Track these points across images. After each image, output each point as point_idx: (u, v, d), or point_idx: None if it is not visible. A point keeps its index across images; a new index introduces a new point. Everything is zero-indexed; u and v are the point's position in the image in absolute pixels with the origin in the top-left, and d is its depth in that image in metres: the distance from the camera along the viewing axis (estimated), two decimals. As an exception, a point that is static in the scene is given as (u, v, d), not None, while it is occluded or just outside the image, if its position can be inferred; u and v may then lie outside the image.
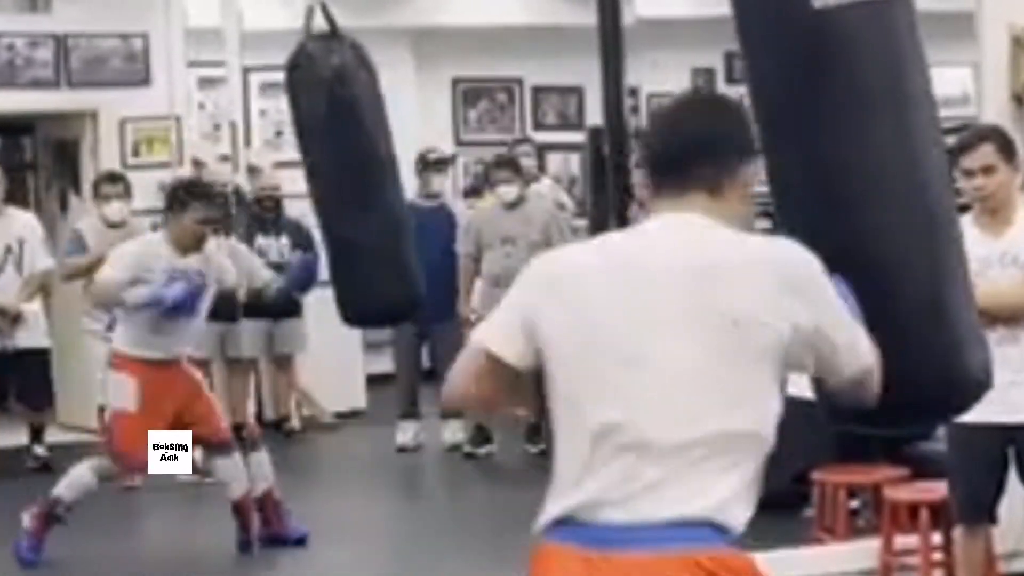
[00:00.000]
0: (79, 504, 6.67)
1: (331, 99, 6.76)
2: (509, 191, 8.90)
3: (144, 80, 10.25)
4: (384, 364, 10.38)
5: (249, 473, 6.77)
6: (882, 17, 3.54)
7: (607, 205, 8.95)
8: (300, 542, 6.92)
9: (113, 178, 8.81)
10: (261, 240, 9.31)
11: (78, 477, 6.73)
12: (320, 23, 6.88)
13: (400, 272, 7.06)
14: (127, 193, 8.63)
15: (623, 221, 8.36)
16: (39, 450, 9.00)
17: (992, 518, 5.14)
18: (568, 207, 10.32)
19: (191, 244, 6.62)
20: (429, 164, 9.36)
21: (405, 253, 7.15)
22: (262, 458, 6.94)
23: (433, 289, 8.00)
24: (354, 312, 7.28)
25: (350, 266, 6.97)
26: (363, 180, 6.88)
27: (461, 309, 8.89)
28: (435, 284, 8.10)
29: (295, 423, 10.06)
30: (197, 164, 9.94)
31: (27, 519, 6.72)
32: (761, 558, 5.72)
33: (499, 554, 6.49)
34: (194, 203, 6.60)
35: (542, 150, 12.30)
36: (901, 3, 3.61)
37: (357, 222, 6.88)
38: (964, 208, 5.17)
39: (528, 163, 10.08)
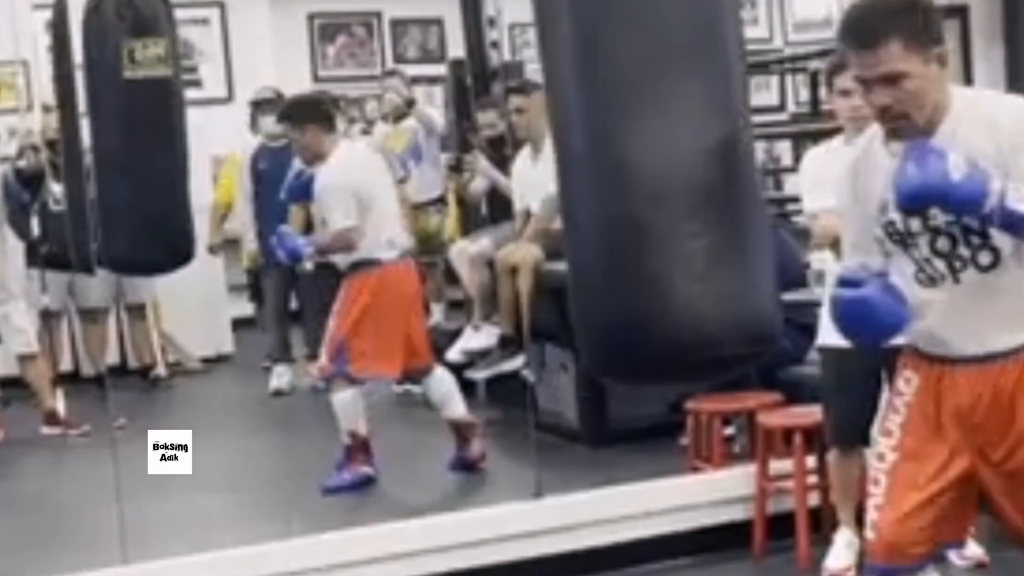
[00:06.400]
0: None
1: (119, 50, 6.47)
2: None
3: (-13, 24, 9.90)
4: (249, 307, 10.21)
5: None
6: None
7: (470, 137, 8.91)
8: None
9: (-41, 126, 8.52)
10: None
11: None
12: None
13: (157, 229, 6.77)
14: (-25, 141, 8.35)
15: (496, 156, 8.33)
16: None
17: (866, 440, 5.17)
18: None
19: None
20: (257, 105, 9.38)
21: (170, 209, 6.85)
22: None
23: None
24: (107, 256, 6.96)
25: (107, 213, 6.66)
26: (140, 131, 6.59)
27: None
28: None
29: (161, 370, 9.86)
30: (48, 109, 9.63)
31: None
32: (639, 489, 5.76)
33: (380, 490, 6.48)
34: None
35: (404, 84, 12.20)
36: None
37: (126, 171, 6.59)
38: (835, 131, 5.18)
39: (395, 98, 9.93)
